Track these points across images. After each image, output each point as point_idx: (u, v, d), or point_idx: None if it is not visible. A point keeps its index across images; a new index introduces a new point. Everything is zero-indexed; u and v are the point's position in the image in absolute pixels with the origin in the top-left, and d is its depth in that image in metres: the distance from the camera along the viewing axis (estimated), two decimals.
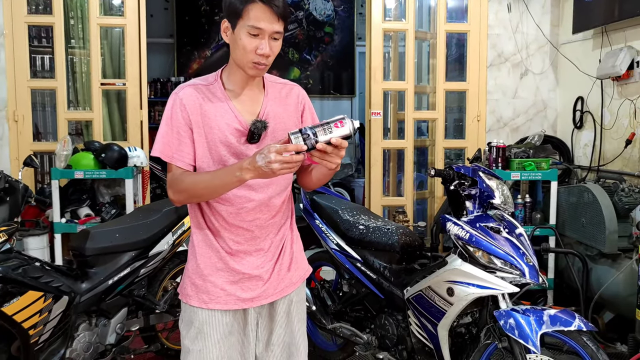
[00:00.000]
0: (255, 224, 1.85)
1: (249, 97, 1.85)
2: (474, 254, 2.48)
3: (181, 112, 1.78)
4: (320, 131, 1.57)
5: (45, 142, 4.93)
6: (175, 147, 1.78)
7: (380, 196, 4.92)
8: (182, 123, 1.78)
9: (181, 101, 1.79)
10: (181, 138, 1.78)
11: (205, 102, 1.80)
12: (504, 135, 4.99)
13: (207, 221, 1.85)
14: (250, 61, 1.73)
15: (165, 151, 1.79)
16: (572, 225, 4.09)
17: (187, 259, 1.93)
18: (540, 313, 2.39)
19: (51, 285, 2.68)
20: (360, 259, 3.07)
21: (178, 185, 1.78)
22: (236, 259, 1.84)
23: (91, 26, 4.53)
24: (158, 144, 1.80)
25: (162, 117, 1.83)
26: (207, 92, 1.82)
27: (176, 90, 1.83)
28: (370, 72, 4.85)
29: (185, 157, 1.79)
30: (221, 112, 1.80)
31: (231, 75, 1.84)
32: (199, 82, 1.85)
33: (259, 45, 1.71)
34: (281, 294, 1.92)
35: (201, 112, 1.79)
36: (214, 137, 1.79)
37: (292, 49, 8.59)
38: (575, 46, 4.75)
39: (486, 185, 2.63)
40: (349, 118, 1.60)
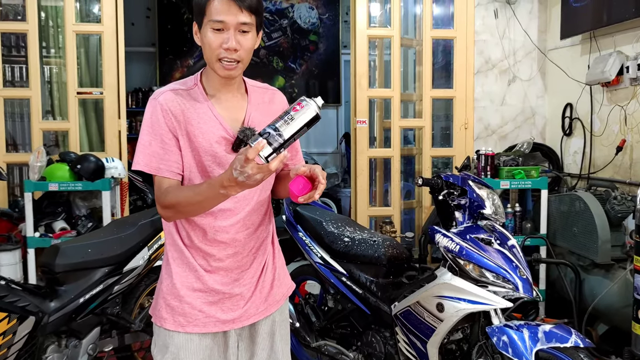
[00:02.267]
0: (237, 239, 1.72)
1: (231, 102, 1.73)
2: (465, 267, 2.36)
3: (164, 118, 1.65)
4: (281, 124, 1.40)
5: (20, 153, 4.76)
6: (161, 157, 1.64)
7: (366, 206, 4.80)
8: (166, 130, 1.64)
9: (162, 106, 1.65)
10: (166, 146, 1.64)
11: (187, 107, 1.67)
12: (492, 143, 4.88)
13: (184, 237, 1.72)
14: (217, 58, 1.62)
15: (149, 163, 1.64)
16: (563, 234, 3.99)
17: (160, 277, 1.78)
18: (534, 329, 2.28)
19: (16, 305, 2.52)
20: (345, 272, 2.94)
21: (163, 200, 1.64)
22: (216, 278, 1.71)
23: (67, 33, 4.38)
24: (140, 155, 1.65)
25: (142, 127, 1.68)
26: (187, 97, 1.68)
27: (154, 95, 1.70)
28: (356, 80, 4.73)
29: (173, 166, 1.65)
30: (205, 118, 1.67)
31: (209, 79, 1.72)
32: (178, 86, 1.71)
33: (224, 40, 1.60)
34: (264, 314, 1.79)
35: (184, 119, 1.65)
36: (198, 145, 1.66)
37: (276, 57, 8.47)
38: (563, 52, 4.67)
39: (476, 195, 2.51)
40: (310, 98, 1.45)
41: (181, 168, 1.66)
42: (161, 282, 1.77)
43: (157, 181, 1.66)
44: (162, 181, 1.65)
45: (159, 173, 1.64)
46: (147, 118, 1.67)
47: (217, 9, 1.58)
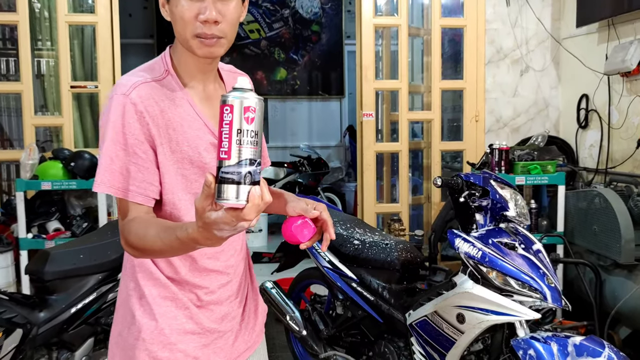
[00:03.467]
0: (230, 264, 1.42)
1: (209, 94, 1.38)
2: (487, 275, 2.17)
3: (139, 122, 1.25)
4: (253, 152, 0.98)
5: (11, 150, 4.58)
6: (132, 175, 1.25)
7: (373, 203, 4.61)
8: (140, 139, 1.25)
9: (135, 107, 1.25)
10: (140, 161, 1.26)
11: (166, 106, 1.29)
12: (503, 136, 4.69)
13: (164, 269, 1.35)
14: (193, 34, 1.26)
15: (115, 182, 1.24)
16: (582, 233, 3.79)
17: (125, 322, 1.37)
18: (564, 341, 2.09)
19: (1, 317, 2.34)
20: (355, 278, 2.75)
21: (127, 236, 1.25)
22: (207, 314, 1.39)
23: (59, 24, 4.18)
24: (103, 172, 1.24)
25: (104, 133, 1.26)
26: (163, 91, 1.30)
27: (120, 89, 1.27)
28: (362, 71, 4.53)
29: (148, 189, 1.27)
30: (187, 120, 1.31)
31: (182, 62, 1.34)
32: (148, 76, 1.31)
33: (201, 9, 1.24)
34: (252, 349, 1.52)
35: (165, 122, 1.28)
36: (182, 157, 1.30)
37: (278, 48, 8.26)
38: (578, 40, 4.46)
39: (499, 196, 2.32)
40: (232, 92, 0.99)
41: (158, 190, 1.29)
42: (133, 328, 1.34)
43: (121, 206, 1.28)
44: (129, 207, 1.26)
45: (128, 197, 1.25)
46: (114, 120, 1.24)
47: None
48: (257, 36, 8.16)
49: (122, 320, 1.38)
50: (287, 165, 7.20)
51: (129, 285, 1.37)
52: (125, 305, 1.38)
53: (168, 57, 1.35)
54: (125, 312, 1.37)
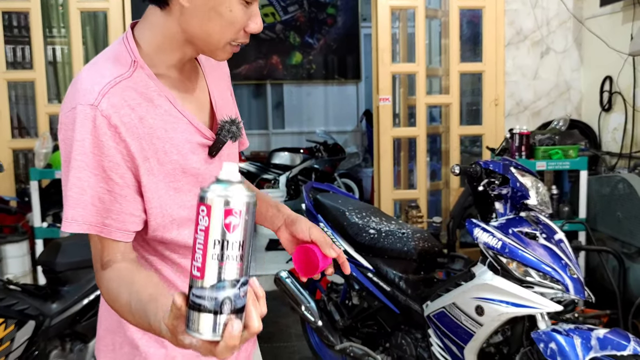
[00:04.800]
0: None
1: (188, 82, 1.16)
2: (507, 265, 2.10)
3: (112, 140, 1.01)
4: (238, 269, 0.75)
5: (26, 138, 4.56)
6: (107, 207, 1.03)
7: (390, 189, 4.53)
8: (115, 160, 1.02)
9: (109, 120, 1.00)
10: (115, 188, 1.03)
11: (143, 110, 1.05)
12: (524, 120, 4.57)
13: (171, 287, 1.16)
14: (230, 40, 1.07)
15: (88, 217, 1.02)
16: (605, 219, 3.69)
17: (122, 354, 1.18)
18: (587, 334, 2.01)
19: (13, 309, 2.32)
20: (371, 268, 2.69)
21: (100, 284, 1.07)
22: None
23: (71, 11, 4.13)
24: (75, 207, 1.02)
25: (68, 153, 1.02)
26: (137, 90, 1.06)
27: (86, 97, 1.01)
28: (378, 55, 4.44)
29: (128, 222, 1.05)
30: (171, 122, 1.09)
31: (162, 52, 1.09)
32: (116, 73, 1.04)
33: (252, 17, 1.07)
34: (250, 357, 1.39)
35: (146, 132, 1.05)
36: (173, 168, 1.09)
37: (293, 32, 8.15)
38: (602, 20, 4.32)
39: (520, 184, 2.23)
40: (208, 189, 0.75)
41: (140, 220, 1.07)
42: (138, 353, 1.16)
43: (94, 244, 1.07)
44: (103, 246, 1.05)
45: (105, 234, 1.03)
46: (81, 140, 1.00)
47: None
48: (272, 20, 8.06)
49: (113, 350, 1.19)
50: (303, 151, 7.14)
51: None
52: (117, 333, 1.18)
53: (133, 43, 1.08)
54: (119, 342, 1.18)
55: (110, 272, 1.04)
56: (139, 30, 1.11)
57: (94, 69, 1.06)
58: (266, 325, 3.68)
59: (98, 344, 1.23)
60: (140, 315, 0.94)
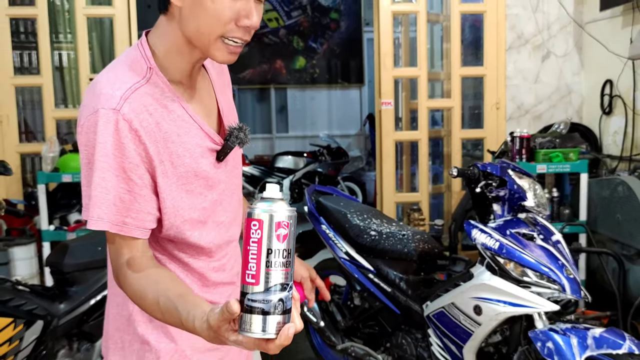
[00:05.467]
0: (235, 272, 1.32)
1: (197, 88, 1.21)
2: (505, 266, 2.14)
3: (133, 142, 1.07)
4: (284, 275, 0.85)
5: (33, 143, 4.63)
6: (128, 206, 1.08)
7: (393, 192, 4.57)
8: (135, 162, 1.07)
9: (130, 124, 1.06)
10: (136, 188, 1.08)
11: (160, 115, 1.11)
12: (525, 124, 4.61)
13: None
14: (220, 35, 1.08)
15: (109, 215, 1.06)
16: (605, 221, 3.73)
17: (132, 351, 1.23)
18: (583, 333, 2.05)
19: (22, 309, 2.37)
20: (372, 269, 2.73)
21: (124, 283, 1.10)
22: None
23: (77, 17, 4.19)
24: (100, 205, 1.06)
25: (91, 155, 1.06)
26: (154, 96, 1.11)
27: (109, 101, 1.06)
28: (380, 59, 4.49)
29: (146, 220, 1.10)
30: (184, 127, 1.14)
31: (172, 56, 1.13)
32: (135, 79, 1.10)
33: (245, 11, 1.06)
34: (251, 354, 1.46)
35: (162, 136, 1.10)
36: (186, 170, 1.14)
37: (296, 37, 8.22)
38: (602, 24, 4.36)
39: (517, 186, 2.28)
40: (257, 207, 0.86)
41: (156, 219, 1.13)
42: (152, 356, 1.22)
43: (112, 242, 1.11)
44: (122, 244, 1.10)
45: (124, 231, 1.08)
46: (103, 142, 1.05)
47: None
48: (275, 25, 8.13)
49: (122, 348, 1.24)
50: (306, 155, 7.19)
51: (129, 309, 1.22)
52: (125, 331, 1.23)
53: (148, 49, 1.13)
54: (129, 340, 1.23)
55: (133, 272, 1.09)
56: (152, 38, 1.16)
57: (112, 74, 1.11)
58: None
59: (106, 342, 1.28)
60: (171, 313, 1.00)
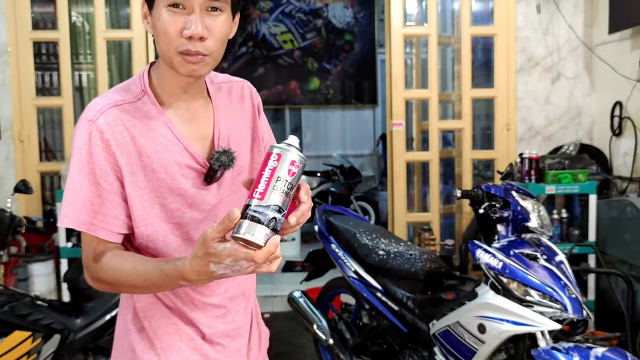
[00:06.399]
0: (227, 296, 1.34)
1: (193, 113, 1.28)
2: (508, 285, 2.19)
3: (104, 151, 1.17)
4: (283, 200, 1.02)
5: (54, 162, 4.75)
6: (95, 209, 1.17)
7: (404, 212, 4.63)
8: (105, 169, 1.17)
9: (102, 135, 1.16)
10: (104, 193, 1.18)
11: (137, 131, 1.19)
12: (535, 145, 4.66)
13: (165, 299, 1.29)
14: (176, 50, 1.15)
15: (79, 215, 1.17)
16: (614, 242, 3.75)
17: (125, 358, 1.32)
18: (586, 352, 2.09)
19: (41, 323, 2.46)
20: (380, 288, 2.79)
21: (95, 272, 1.19)
22: (213, 346, 1.32)
23: (97, 40, 4.34)
24: (68, 206, 1.17)
25: (71, 162, 1.19)
26: (136, 114, 1.20)
27: (88, 114, 1.18)
28: (391, 81, 4.57)
29: (112, 224, 1.19)
30: (164, 144, 1.21)
31: (163, 80, 1.24)
32: (119, 97, 1.21)
33: (184, 23, 1.13)
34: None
35: (136, 149, 1.19)
36: (159, 185, 1.21)
37: (311, 58, 8.34)
38: (611, 47, 4.41)
39: (520, 207, 2.33)
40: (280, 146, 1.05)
41: (124, 224, 1.21)
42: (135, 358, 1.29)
43: (86, 241, 1.20)
44: (95, 242, 1.19)
45: (92, 231, 1.18)
46: (79, 148, 1.17)
47: None
48: (290, 46, 8.26)
49: (122, 355, 1.33)
50: (320, 175, 7.27)
51: (127, 317, 1.31)
52: (124, 338, 1.32)
53: (146, 76, 1.25)
54: (125, 347, 1.31)
55: (108, 255, 1.18)
56: (154, 66, 1.28)
57: (104, 95, 1.24)
58: (281, 344, 3.81)
59: (113, 348, 1.38)
60: (151, 272, 1.11)
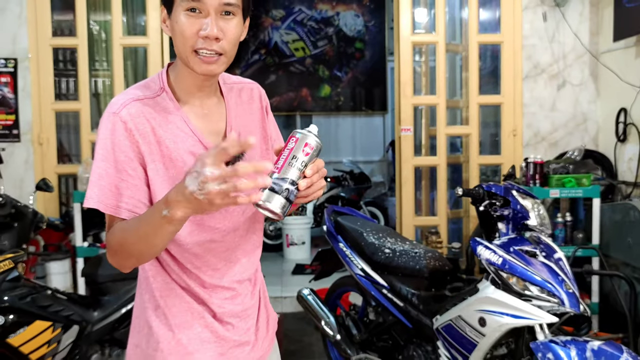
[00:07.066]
0: (235, 280, 1.43)
1: (207, 110, 1.40)
2: (508, 280, 2.28)
3: (128, 140, 1.27)
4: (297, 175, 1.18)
5: (70, 164, 4.89)
6: (120, 192, 1.27)
7: (412, 216, 4.72)
8: (129, 156, 1.27)
9: (125, 125, 1.27)
10: (129, 178, 1.28)
11: (157, 123, 1.31)
12: (541, 150, 4.74)
13: (178, 280, 1.38)
14: (192, 49, 1.27)
15: (105, 199, 1.26)
16: (617, 245, 3.82)
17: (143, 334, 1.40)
18: (582, 345, 2.17)
19: (61, 314, 2.58)
20: (386, 285, 2.88)
21: (110, 241, 1.29)
22: (223, 324, 1.42)
23: (114, 47, 4.48)
24: (93, 188, 1.27)
25: (96, 149, 1.29)
26: (156, 108, 1.32)
27: (112, 107, 1.30)
28: (400, 87, 4.68)
29: (136, 206, 1.28)
30: (181, 136, 1.33)
31: (179, 79, 1.36)
32: (141, 93, 1.33)
33: (201, 24, 1.25)
34: (265, 357, 1.55)
35: (156, 139, 1.30)
36: (177, 173, 1.30)
37: (322, 65, 8.47)
38: (616, 55, 4.49)
39: (520, 206, 2.42)
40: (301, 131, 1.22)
41: (146, 207, 1.29)
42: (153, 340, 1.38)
43: (110, 222, 1.30)
44: (115, 222, 1.29)
45: (118, 213, 1.27)
46: (104, 138, 1.28)
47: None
48: (302, 54, 8.40)
49: (138, 331, 1.42)
50: (330, 180, 7.37)
51: (144, 297, 1.40)
52: (141, 317, 1.41)
53: (164, 75, 1.37)
54: (142, 324, 1.41)
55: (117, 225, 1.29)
56: (171, 66, 1.40)
57: (126, 91, 1.36)
58: (291, 342, 3.93)
59: (131, 326, 1.48)
60: (145, 213, 1.21)
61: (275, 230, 6.87)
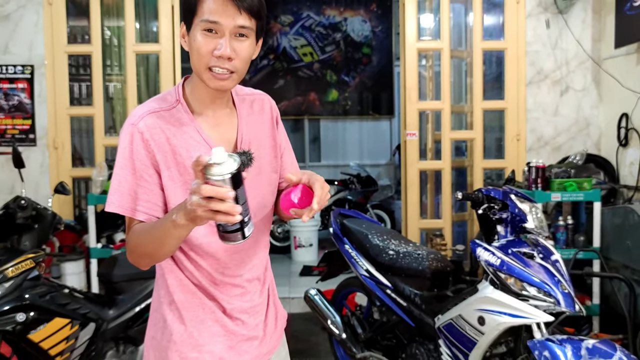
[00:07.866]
0: (245, 279, 1.53)
1: (220, 120, 1.50)
2: (506, 281, 2.38)
3: (144, 149, 1.39)
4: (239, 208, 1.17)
5: (84, 168, 5.02)
6: (138, 196, 1.40)
7: (417, 219, 4.82)
8: (146, 164, 1.40)
9: (142, 135, 1.39)
10: (146, 184, 1.40)
11: (172, 134, 1.42)
12: (544, 155, 4.82)
13: (191, 277, 1.49)
14: (206, 66, 1.37)
15: (124, 203, 1.39)
16: (617, 248, 3.90)
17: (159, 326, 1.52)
18: (578, 344, 2.26)
19: (78, 312, 2.69)
20: (390, 285, 2.99)
21: (128, 241, 1.42)
22: (233, 320, 1.52)
23: (127, 53, 4.61)
24: (114, 194, 1.40)
25: (117, 158, 1.42)
26: (171, 120, 1.43)
27: (131, 119, 1.42)
28: (405, 92, 4.78)
29: (152, 209, 1.41)
30: (194, 145, 1.43)
31: (194, 91, 1.47)
32: (157, 105, 1.45)
33: (215, 44, 1.36)
34: (272, 352, 1.64)
35: (170, 148, 1.41)
36: (191, 179, 1.37)
37: (330, 70, 8.59)
38: (618, 61, 4.58)
39: (518, 209, 2.52)
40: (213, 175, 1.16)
41: (162, 210, 1.42)
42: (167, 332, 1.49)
43: (129, 224, 1.43)
44: (133, 224, 1.42)
45: (136, 215, 1.40)
46: (124, 147, 1.39)
47: (211, 7, 1.35)
48: (310, 59, 8.52)
49: (155, 324, 1.53)
50: (337, 183, 7.47)
51: (160, 293, 1.51)
52: (158, 310, 1.53)
53: (180, 88, 1.49)
54: (158, 317, 1.52)
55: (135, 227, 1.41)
56: (188, 79, 1.51)
57: (145, 104, 1.48)
58: (299, 342, 4.04)
59: (149, 319, 1.59)
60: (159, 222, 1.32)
61: (283, 233, 6.98)
